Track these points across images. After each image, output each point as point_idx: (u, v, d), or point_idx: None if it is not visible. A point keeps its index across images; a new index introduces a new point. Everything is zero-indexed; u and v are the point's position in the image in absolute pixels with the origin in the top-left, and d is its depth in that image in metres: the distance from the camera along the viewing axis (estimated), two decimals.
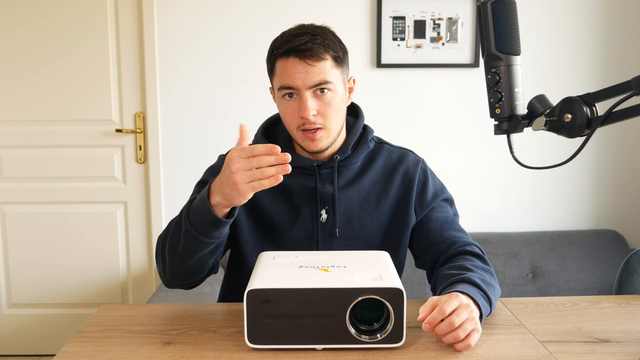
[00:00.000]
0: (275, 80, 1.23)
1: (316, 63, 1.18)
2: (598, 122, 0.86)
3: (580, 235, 2.48)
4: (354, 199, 1.29)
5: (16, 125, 2.54)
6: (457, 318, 0.94)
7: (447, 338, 0.96)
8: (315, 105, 1.20)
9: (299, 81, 1.18)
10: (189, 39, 2.47)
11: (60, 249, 2.60)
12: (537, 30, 2.48)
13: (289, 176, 1.27)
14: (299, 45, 1.17)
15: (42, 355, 2.67)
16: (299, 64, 1.18)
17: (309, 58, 1.18)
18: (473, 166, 2.56)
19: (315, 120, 1.20)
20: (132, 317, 1.13)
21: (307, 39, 1.18)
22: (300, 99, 1.20)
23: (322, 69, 1.19)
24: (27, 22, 2.47)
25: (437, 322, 0.95)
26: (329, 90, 1.20)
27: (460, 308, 0.96)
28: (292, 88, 1.19)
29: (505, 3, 0.91)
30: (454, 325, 0.94)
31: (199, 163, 2.45)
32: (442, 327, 0.95)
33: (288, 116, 1.23)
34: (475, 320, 0.97)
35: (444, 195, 1.34)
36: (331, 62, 1.20)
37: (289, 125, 1.25)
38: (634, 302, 1.21)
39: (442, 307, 0.95)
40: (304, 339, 0.96)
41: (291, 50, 1.18)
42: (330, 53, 1.20)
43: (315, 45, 1.18)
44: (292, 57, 1.18)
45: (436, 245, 1.28)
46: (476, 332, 0.97)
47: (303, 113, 1.19)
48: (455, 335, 0.95)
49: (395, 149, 1.37)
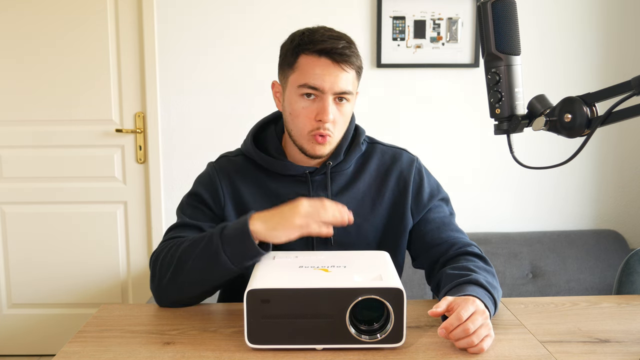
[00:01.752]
0: (296, 76, 1.19)
1: (348, 70, 1.17)
2: (598, 122, 0.86)
3: (580, 235, 2.48)
4: (349, 205, 1.25)
5: (16, 125, 2.54)
6: (472, 324, 0.94)
7: (461, 343, 0.95)
8: (334, 112, 1.18)
9: (327, 84, 1.15)
10: (189, 38, 2.47)
11: (60, 249, 2.60)
12: (537, 30, 2.48)
13: (282, 184, 1.26)
14: (336, 48, 1.15)
15: (42, 355, 2.67)
16: (332, 67, 1.15)
17: (344, 63, 1.16)
18: (473, 166, 2.56)
19: (330, 127, 1.18)
20: (132, 317, 1.13)
21: (345, 45, 1.16)
22: (321, 102, 1.17)
23: (349, 78, 1.18)
24: (27, 22, 2.47)
25: (453, 327, 0.95)
26: (347, 101, 1.19)
27: (476, 314, 0.96)
28: (316, 89, 1.16)
29: (505, 3, 0.91)
30: (468, 331, 0.94)
31: (199, 163, 2.43)
32: (457, 332, 0.95)
33: (302, 117, 1.19)
34: (489, 326, 0.98)
35: (440, 195, 1.33)
36: (355, 73, 1.20)
37: (300, 127, 1.20)
38: (634, 302, 1.21)
39: (460, 313, 0.95)
40: (304, 339, 0.95)
41: (327, 52, 1.15)
42: (357, 64, 1.19)
43: (351, 53, 1.17)
44: (325, 57, 1.15)
45: (435, 246, 1.27)
46: (489, 337, 0.97)
47: (323, 117, 1.16)
48: (470, 341, 0.94)
49: (388, 149, 1.34)
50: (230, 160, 1.31)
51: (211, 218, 1.27)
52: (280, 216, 1.07)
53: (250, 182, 1.28)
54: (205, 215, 1.26)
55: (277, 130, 1.32)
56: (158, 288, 1.16)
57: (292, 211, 1.06)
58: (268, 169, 1.27)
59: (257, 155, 1.27)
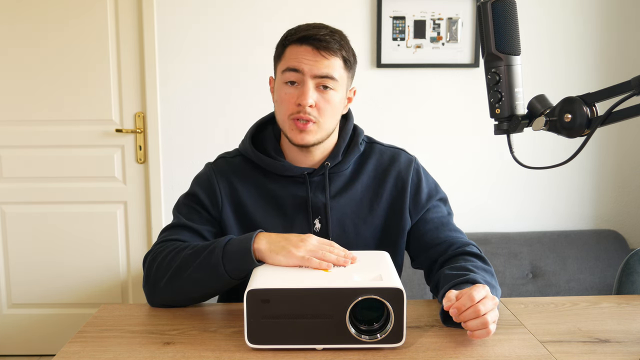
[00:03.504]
0: (281, 64, 1.22)
1: (328, 57, 1.18)
2: (598, 122, 0.86)
3: (580, 235, 2.48)
4: (347, 206, 1.27)
5: (16, 125, 2.54)
6: (483, 307, 0.96)
7: (472, 324, 0.96)
8: (316, 97, 1.19)
9: (306, 67, 1.17)
10: (189, 38, 2.47)
11: (60, 249, 2.60)
12: (537, 30, 2.48)
13: (280, 185, 1.27)
14: (316, 35, 1.18)
15: (42, 355, 2.67)
16: (312, 52, 1.18)
17: (323, 50, 1.18)
18: (473, 166, 2.56)
19: (311, 112, 1.19)
20: (132, 317, 1.13)
21: (326, 33, 1.19)
22: (302, 86, 1.19)
23: (331, 64, 1.19)
24: (27, 22, 2.47)
25: (465, 308, 0.96)
26: (331, 89, 1.20)
27: (487, 299, 0.98)
28: (297, 71, 1.18)
29: (505, 3, 0.91)
30: (479, 313, 0.95)
31: (199, 163, 2.42)
32: (468, 313, 0.96)
33: (284, 102, 1.21)
34: (497, 313, 1.00)
35: (438, 195, 1.33)
36: (341, 62, 1.20)
37: (282, 112, 1.22)
38: (634, 302, 1.21)
39: (472, 294, 0.96)
40: (304, 339, 0.95)
41: (307, 38, 1.18)
42: (342, 53, 1.20)
43: (332, 40, 1.19)
44: (306, 45, 1.18)
45: (434, 247, 1.27)
46: (494, 324, 0.98)
47: (302, 100, 1.17)
48: (483, 320, 0.95)
49: (387, 149, 1.34)
50: (228, 161, 1.31)
51: (207, 220, 1.26)
52: (287, 242, 1.08)
53: (248, 183, 1.28)
54: (201, 217, 1.26)
55: (275, 131, 1.32)
56: (153, 289, 1.16)
57: (299, 242, 1.07)
58: (266, 169, 1.27)
59: (256, 155, 1.27)
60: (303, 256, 1.04)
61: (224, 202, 1.27)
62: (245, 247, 1.08)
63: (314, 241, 1.09)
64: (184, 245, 1.17)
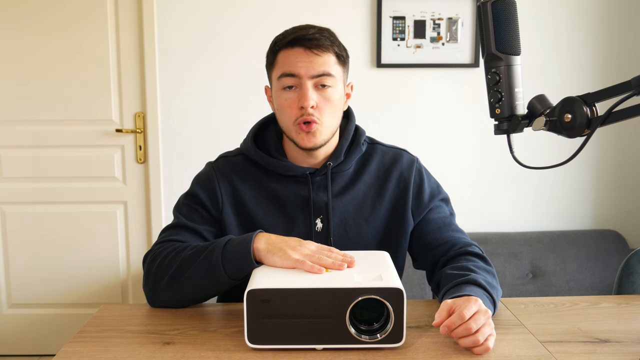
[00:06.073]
0: (276, 71, 1.21)
1: (321, 54, 1.18)
2: (598, 122, 0.86)
3: (580, 235, 2.48)
4: (349, 206, 1.27)
5: (16, 125, 2.54)
6: (474, 324, 0.94)
7: (465, 341, 0.95)
8: (316, 98, 1.18)
9: (302, 69, 1.17)
10: (188, 39, 2.47)
11: (60, 249, 2.60)
12: (537, 30, 2.48)
13: (282, 185, 1.26)
14: (306, 35, 1.18)
15: (42, 355, 2.67)
16: (304, 53, 1.18)
17: (315, 48, 1.18)
18: (473, 166, 2.56)
19: (313, 113, 1.18)
20: (132, 317, 1.13)
21: (315, 31, 1.19)
22: (301, 89, 1.19)
23: (326, 61, 1.19)
24: (27, 22, 2.47)
25: (455, 326, 0.94)
26: (329, 86, 1.20)
27: (479, 314, 0.96)
28: (293, 76, 1.18)
29: (505, 3, 0.91)
30: (470, 330, 0.93)
31: (199, 163, 2.42)
32: (459, 331, 0.94)
33: (286, 108, 1.20)
34: (492, 325, 0.97)
35: (440, 195, 1.33)
36: (335, 58, 1.20)
37: (286, 119, 1.21)
38: (634, 302, 1.21)
39: (462, 312, 0.94)
40: (304, 339, 0.95)
41: (297, 40, 1.18)
42: (334, 49, 1.20)
43: (322, 37, 1.19)
44: (297, 47, 1.18)
45: (436, 247, 1.27)
46: (492, 337, 0.97)
47: (303, 102, 1.17)
48: (474, 339, 0.94)
49: (389, 149, 1.34)
50: (229, 161, 1.31)
51: (208, 220, 1.26)
52: (284, 244, 1.07)
53: (250, 182, 1.28)
54: (201, 217, 1.26)
55: (277, 130, 1.32)
56: (153, 290, 1.16)
57: (296, 246, 1.07)
58: (268, 169, 1.27)
59: (257, 155, 1.27)
60: (298, 259, 1.04)
61: (224, 202, 1.26)
62: (244, 248, 1.08)
63: (312, 246, 1.09)
64: (183, 245, 1.17)
